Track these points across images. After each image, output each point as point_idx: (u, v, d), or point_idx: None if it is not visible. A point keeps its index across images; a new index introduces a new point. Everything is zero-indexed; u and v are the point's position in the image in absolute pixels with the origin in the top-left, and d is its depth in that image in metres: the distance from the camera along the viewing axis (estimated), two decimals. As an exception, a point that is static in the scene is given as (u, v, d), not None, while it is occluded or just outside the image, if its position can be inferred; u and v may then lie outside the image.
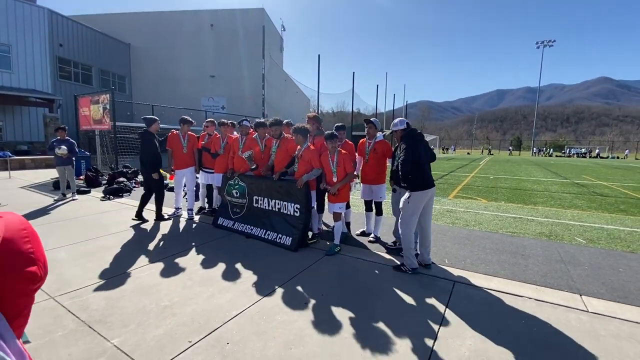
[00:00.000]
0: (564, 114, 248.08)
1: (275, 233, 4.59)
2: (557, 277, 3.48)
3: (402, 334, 2.45)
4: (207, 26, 27.30)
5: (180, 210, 5.97)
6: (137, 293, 3.02)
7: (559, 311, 2.80)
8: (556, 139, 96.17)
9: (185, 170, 5.81)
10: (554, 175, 16.34)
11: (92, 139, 13.75)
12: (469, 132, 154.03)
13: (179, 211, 5.92)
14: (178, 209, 5.93)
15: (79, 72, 23.76)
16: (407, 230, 3.56)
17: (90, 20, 25.60)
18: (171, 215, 5.83)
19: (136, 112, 23.53)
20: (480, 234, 5.09)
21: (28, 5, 19.46)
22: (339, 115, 67.07)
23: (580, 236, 5.09)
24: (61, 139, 7.49)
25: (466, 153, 59.05)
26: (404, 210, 3.57)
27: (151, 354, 2.18)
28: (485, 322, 2.61)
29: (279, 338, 2.37)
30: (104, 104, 11.72)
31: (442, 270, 3.67)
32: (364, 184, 4.72)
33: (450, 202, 7.87)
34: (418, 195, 3.50)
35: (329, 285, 3.26)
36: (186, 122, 5.70)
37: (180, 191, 5.95)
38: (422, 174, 3.52)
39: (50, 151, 7.46)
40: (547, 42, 54.58)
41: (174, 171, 5.84)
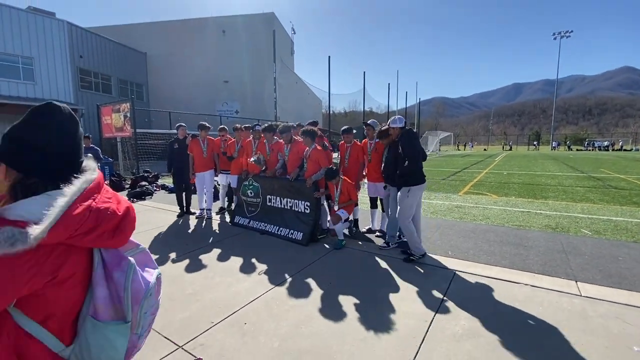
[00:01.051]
0: (586, 105, 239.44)
1: (288, 229, 4.89)
2: (555, 266, 3.63)
3: (402, 316, 2.69)
4: (219, 33, 28.03)
5: (204, 210, 6.32)
6: (164, 283, 3.33)
7: (552, 295, 2.97)
8: (577, 132, 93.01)
9: (205, 173, 6.16)
10: (570, 169, 16.04)
11: (114, 146, 14.48)
12: (486, 127, 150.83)
13: (203, 212, 6.27)
14: (202, 210, 6.28)
15: (99, 82, 24.85)
16: (407, 221, 3.82)
17: (107, 32, 26.75)
18: (198, 215, 6.21)
19: (154, 119, 24.41)
20: (485, 228, 5.23)
21: (48, 18, 20.52)
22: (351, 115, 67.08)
23: (587, 228, 5.17)
24: (86, 147, 8.02)
25: (483, 149, 58.01)
26: (404, 204, 3.81)
27: (179, 331, 2.50)
28: (480, 306, 2.82)
29: (290, 319, 2.65)
30: (124, 112, 12.38)
31: (445, 260, 3.87)
32: (369, 182, 4.96)
33: (460, 199, 7.99)
34: (417, 189, 3.81)
35: (337, 276, 3.52)
36: (204, 127, 6.05)
37: (203, 193, 6.27)
38: (419, 170, 3.86)
39: None
40: (564, 33, 53.11)
41: (194, 175, 6.18)
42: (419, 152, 3.89)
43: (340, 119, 64.07)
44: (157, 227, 5.61)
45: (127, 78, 27.33)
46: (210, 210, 6.24)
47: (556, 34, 53.92)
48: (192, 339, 2.41)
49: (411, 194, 3.78)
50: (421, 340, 2.37)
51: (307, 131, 4.70)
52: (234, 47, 27.88)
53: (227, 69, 28.05)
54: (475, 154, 38.99)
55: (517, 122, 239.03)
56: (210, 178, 6.23)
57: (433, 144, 39.45)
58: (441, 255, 4.05)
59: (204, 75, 28.17)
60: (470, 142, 67.14)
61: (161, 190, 9.68)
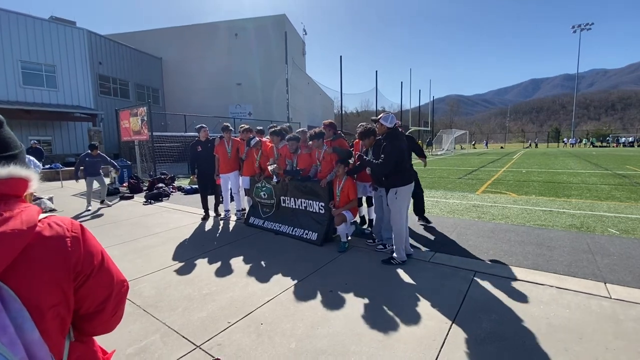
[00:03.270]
0: (609, 100, 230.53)
1: (302, 229, 4.87)
2: (582, 267, 3.47)
3: (421, 317, 2.63)
4: (232, 36, 28.40)
5: (229, 212, 6.33)
6: (182, 283, 3.41)
7: (580, 297, 2.84)
8: (600, 128, 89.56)
9: (229, 174, 6.14)
10: (593, 166, 15.45)
11: (132, 149, 14.84)
12: (502, 125, 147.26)
13: (228, 213, 6.28)
14: (227, 212, 6.29)
15: (117, 87, 25.59)
16: (399, 224, 3.74)
17: (124, 38, 27.51)
18: (223, 217, 6.23)
19: (170, 122, 24.93)
20: (505, 227, 5.08)
21: (69, 27, 21.28)
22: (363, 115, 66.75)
23: (614, 227, 4.94)
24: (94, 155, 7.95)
25: (499, 147, 56.64)
26: (394, 206, 3.74)
27: (197, 331, 2.51)
28: (503, 308, 2.72)
29: (306, 320, 2.63)
30: (141, 116, 12.65)
31: (464, 261, 3.77)
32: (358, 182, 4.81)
33: (477, 198, 7.80)
34: (405, 190, 3.74)
35: (352, 276, 3.48)
36: (227, 129, 6.07)
37: (228, 194, 6.27)
38: (407, 170, 3.82)
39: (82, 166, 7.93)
40: (584, 26, 51.34)
41: (219, 176, 6.19)
42: (397, 155, 3.65)
43: (353, 119, 63.83)
44: (174, 228, 5.70)
45: (144, 83, 28.05)
46: (239, 211, 6.25)
47: (576, 27, 52.20)
48: (209, 339, 2.42)
49: (399, 195, 3.71)
50: (442, 343, 2.30)
51: (315, 135, 4.69)
52: (246, 50, 28.21)
53: (240, 72, 28.39)
54: (491, 152, 38.08)
55: (535, 119, 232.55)
56: (235, 179, 6.20)
57: (448, 142, 38.77)
58: (460, 255, 3.95)
59: (217, 78, 28.61)
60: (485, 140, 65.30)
61: (177, 191, 9.84)
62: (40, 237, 0.73)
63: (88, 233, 0.84)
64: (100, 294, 0.85)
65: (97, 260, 0.83)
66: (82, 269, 0.78)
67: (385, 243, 4.22)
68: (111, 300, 0.87)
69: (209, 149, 6.12)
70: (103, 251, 0.88)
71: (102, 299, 0.85)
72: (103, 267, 0.85)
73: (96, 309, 0.85)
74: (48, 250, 0.73)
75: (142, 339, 2.44)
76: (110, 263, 0.89)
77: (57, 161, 17.05)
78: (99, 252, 0.85)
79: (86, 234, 0.83)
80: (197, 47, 28.88)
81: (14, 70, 18.47)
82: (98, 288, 0.84)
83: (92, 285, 0.82)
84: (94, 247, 0.84)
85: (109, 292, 0.87)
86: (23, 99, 18.79)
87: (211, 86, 28.78)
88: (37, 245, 0.72)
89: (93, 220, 6.51)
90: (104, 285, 0.85)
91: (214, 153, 6.10)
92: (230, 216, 6.25)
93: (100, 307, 0.86)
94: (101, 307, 0.86)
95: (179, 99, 29.32)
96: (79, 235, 0.80)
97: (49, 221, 0.77)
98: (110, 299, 0.87)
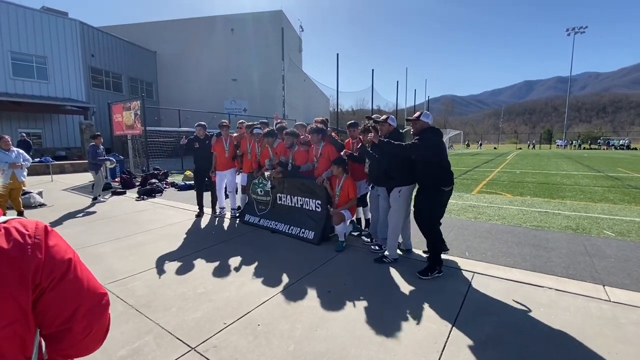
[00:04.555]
0: (600, 103, 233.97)
1: (299, 228, 4.80)
2: (580, 269, 3.47)
3: (420, 320, 2.58)
4: (228, 31, 28.06)
5: (225, 210, 6.23)
6: (176, 282, 3.32)
7: (580, 300, 2.83)
8: (591, 131, 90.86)
9: (226, 172, 6.04)
10: (586, 168, 15.63)
11: (124, 144, 14.60)
12: (496, 125, 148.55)
13: (223, 211, 6.18)
14: (222, 209, 6.18)
15: (110, 80, 25.12)
16: (396, 221, 3.72)
17: (118, 31, 26.99)
18: (217, 215, 6.12)
19: (163, 117, 24.59)
20: (502, 228, 5.07)
21: (61, 18, 20.78)
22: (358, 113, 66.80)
23: (609, 229, 4.97)
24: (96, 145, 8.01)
25: (493, 148, 57.09)
26: (396, 204, 3.70)
27: (192, 332, 2.43)
28: (503, 310, 2.69)
29: (304, 321, 2.57)
30: (135, 110, 12.44)
31: (462, 262, 3.74)
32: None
33: (473, 198, 7.81)
34: (408, 190, 3.72)
35: (350, 276, 3.42)
36: (224, 126, 5.96)
37: (222, 192, 6.16)
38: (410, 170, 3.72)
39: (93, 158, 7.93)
40: (578, 29, 51.83)
41: (215, 173, 6.09)
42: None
43: (348, 117, 63.80)
44: (168, 224, 5.59)
45: (137, 76, 27.60)
46: (234, 209, 6.15)
47: (570, 30, 52.63)
48: (205, 340, 2.34)
49: (402, 195, 3.67)
50: (443, 346, 2.26)
51: (314, 129, 4.62)
52: (242, 45, 27.90)
53: (236, 67, 28.08)
54: (485, 152, 38.37)
55: (528, 121, 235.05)
56: (231, 177, 6.10)
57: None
58: (458, 256, 3.92)
59: (213, 73, 28.26)
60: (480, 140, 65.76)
61: (171, 187, 9.70)
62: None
63: (54, 238, 0.73)
64: (62, 310, 0.71)
65: (59, 270, 0.71)
66: (41, 280, 0.67)
67: (381, 244, 4.15)
68: (79, 317, 0.73)
69: (206, 145, 6.00)
70: (73, 259, 0.75)
71: (66, 316, 0.72)
72: (67, 277, 0.72)
73: (59, 328, 0.72)
74: (3, 262, 0.63)
75: (135, 340, 2.36)
76: (81, 273, 0.76)
77: (47, 154, 16.71)
78: (64, 260, 0.73)
79: (50, 239, 0.71)
80: (192, 42, 28.46)
81: (4, 61, 18.00)
82: (59, 303, 0.71)
83: (51, 299, 0.70)
84: (58, 255, 0.72)
85: (75, 308, 0.73)
86: (13, 90, 18.33)
87: (206, 81, 28.43)
88: None
89: (85, 216, 6.36)
90: (67, 299, 0.72)
91: (211, 150, 5.99)
92: (225, 214, 6.16)
93: (65, 326, 0.72)
94: (67, 326, 0.73)
95: (173, 93, 28.92)
96: (41, 242, 0.69)
97: (9, 226, 0.67)
98: (78, 317, 0.73)
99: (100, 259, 3.96)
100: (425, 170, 3.52)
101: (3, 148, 5.80)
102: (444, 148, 3.56)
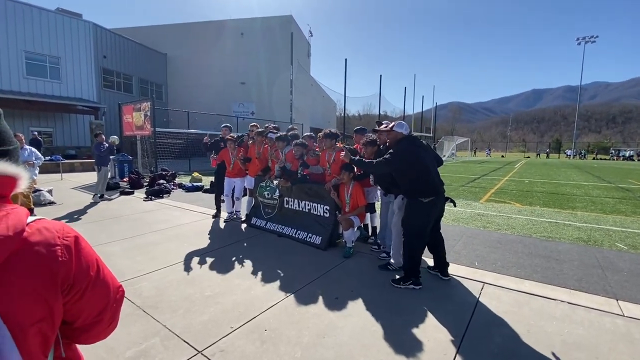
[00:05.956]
0: (610, 113, 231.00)
1: (306, 232, 4.78)
2: (592, 282, 3.40)
3: (429, 330, 2.54)
4: (238, 35, 28.36)
5: (233, 214, 6.16)
6: (183, 283, 3.32)
7: (593, 314, 2.76)
8: (601, 141, 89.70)
9: (236, 180, 6.02)
10: (596, 179, 15.40)
11: (133, 144, 14.75)
12: (503, 134, 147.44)
13: (232, 214, 6.13)
14: (230, 213, 6.14)
15: (121, 81, 25.52)
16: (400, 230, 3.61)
17: (130, 33, 27.45)
18: (226, 219, 6.07)
19: (172, 118, 24.86)
20: (512, 238, 5.00)
21: (75, 20, 21.21)
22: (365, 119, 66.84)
23: (621, 242, 4.87)
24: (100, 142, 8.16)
25: (500, 156, 56.60)
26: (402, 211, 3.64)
27: (199, 336, 2.42)
28: (515, 322, 2.64)
29: (312, 328, 2.54)
30: (145, 111, 12.58)
31: (471, 271, 3.69)
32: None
33: (481, 206, 7.72)
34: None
35: (358, 282, 3.39)
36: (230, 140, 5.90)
37: (229, 198, 6.13)
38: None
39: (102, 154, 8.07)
40: (588, 38, 51.40)
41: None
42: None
43: (355, 122, 63.87)
44: (175, 225, 5.61)
45: (148, 78, 27.98)
46: (237, 212, 6.15)
47: (580, 39, 52.18)
48: (211, 344, 2.33)
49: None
50: (453, 357, 2.22)
51: (328, 134, 4.63)
52: (251, 49, 28.16)
53: (244, 71, 28.33)
54: (492, 160, 38.06)
55: (536, 129, 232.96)
56: (240, 184, 6.06)
57: (449, 149, 38.75)
58: (467, 265, 3.87)
59: (221, 76, 28.54)
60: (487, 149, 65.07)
61: (178, 189, 9.75)
62: (27, 244, 0.65)
63: (82, 241, 0.76)
64: (97, 306, 0.79)
65: (93, 271, 0.76)
66: (76, 283, 0.71)
67: (389, 251, 4.09)
68: (108, 310, 0.82)
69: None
70: (98, 259, 0.80)
71: (99, 310, 0.80)
72: (99, 277, 0.78)
73: (93, 321, 0.80)
74: (34, 259, 0.65)
75: (142, 341, 2.35)
76: (106, 270, 0.83)
77: (57, 153, 16.96)
78: (94, 261, 0.78)
79: (80, 242, 0.75)
80: (202, 45, 28.82)
81: (18, 60, 18.39)
82: (95, 300, 0.78)
83: (89, 298, 0.76)
84: (89, 257, 0.76)
85: (106, 303, 0.81)
86: (26, 89, 18.69)
87: (215, 84, 28.70)
88: (23, 253, 0.64)
89: (94, 215, 6.42)
90: (101, 296, 0.80)
91: (221, 154, 6.03)
92: (233, 217, 6.15)
93: (98, 318, 0.81)
94: (98, 319, 0.81)
95: (182, 95, 29.25)
96: (71, 244, 0.72)
97: (39, 226, 0.69)
98: (107, 309, 0.82)
99: (109, 258, 3.98)
100: (402, 181, 3.39)
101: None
102: (421, 158, 3.28)
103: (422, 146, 3.42)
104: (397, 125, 3.42)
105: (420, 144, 3.42)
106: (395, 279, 3.34)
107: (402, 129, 3.40)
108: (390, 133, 3.45)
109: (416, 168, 3.25)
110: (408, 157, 3.25)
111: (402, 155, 3.26)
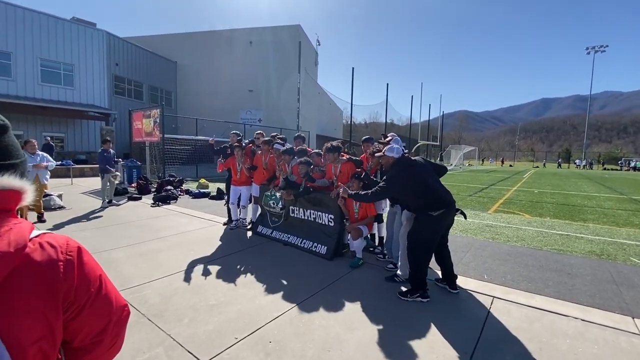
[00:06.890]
0: (621, 123, 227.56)
1: (311, 242, 4.75)
2: (607, 298, 3.29)
3: (438, 345, 2.48)
4: (246, 43, 28.78)
5: (239, 222, 6.16)
6: (188, 292, 3.30)
7: (608, 332, 2.67)
8: (612, 151, 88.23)
9: (242, 188, 6.04)
10: (607, 190, 15.10)
11: (142, 150, 14.94)
12: (512, 143, 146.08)
13: (238, 222, 6.13)
14: (236, 220, 6.13)
15: (132, 88, 26.03)
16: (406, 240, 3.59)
17: (142, 41, 28.06)
18: (232, 227, 6.06)
19: (181, 125, 25.17)
20: (522, 250, 4.90)
21: (90, 28, 21.78)
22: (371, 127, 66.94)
23: (636, 256, 4.74)
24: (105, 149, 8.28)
25: (508, 165, 55.99)
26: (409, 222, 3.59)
27: (203, 346, 2.40)
28: (527, 339, 2.56)
29: (317, 340, 2.50)
30: (154, 118, 12.76)
31: (480, 285, 3.61)
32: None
33: (490, 217, 7.61)
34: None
35: (365, 294, 3.34)
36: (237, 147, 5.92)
37: (236, 205, 6.13)
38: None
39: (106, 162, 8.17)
40: (598, 48, 51.04)
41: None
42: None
43: (361, 129, 63.99)
44: (181, 232, 5.62)
45: (158, 85, 28.48)
46: (243, 219, 6.14)
47: (590, 49, 51.85)
48: (215, 355, 2.30)
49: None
50: (462, 375, 2.15)
51: (331, 148, 4.63)
52: (260, 58, 28.52)
53: (252, 79, 28.65)
54: (500, 169, 37.65)
55: (545, 139, 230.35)
56: (246, 192, 6.07)
57: (457, 158, 38.47)
58: (476, 278, 3.79)
59: (230, 83, 28.90)
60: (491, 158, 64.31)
61: (185, 195, 9.81)
62: (28, 260, 0.63)
63: (85, 255, 0.74)
64: (97, 325, 0.75)
65: (94, 287, 0.73)
66: (76, 299, 0.69)
67: (396, 262, 4.04)
68: (109, 330, 0.77)
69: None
70: (102, 274, 0.77)
71: (99, 329, 0.75)
72: (100, 294, 0.75)
73: (92, 341, 0.75)
74: (36, 276, 0.63)
75: (146, 350, 2.33)
76: (109, 287, 0.79)
77: (68, 158, 17.24)
78: (97, 277, 0.75)
79: (83, 257, 0.72)
80: (211, 53, 29.30)
81: (34, 68, 18.88)
82: (94, 318, 0.74)
83: (88, 316, 0.72)
84: (92, 272, 0.73)
85: (107, 322, 0.77)
86: (40, 95, 19.14)
87: (223, 91, 29.07)
88: (24, 270, 0.62)
89: (101, 220, 6.47)
90: (102, 315, 0.75)
91: (228, 162, 6.05)
92: (239, 225, 6.14)
93: (97, 338, 0.76)
94: (98, 339, 0.76)
95: (191, 102, 29.68)
96: (74, 259, 0.70)
97: (42, 241, 0.67)
98: (109, 329, 0.77)
99: (114, 264, 4.00)
100: (408, 201, 3.43)
101: (29, 151, 6.00)
102: (417, 176, 3.24)
103: (417, 164, 3.38)
104: (388, 150, 3.42)
105: (414, 163, 3.38)
106: (403, 292, 3.29)
107: (393, 153, 3.39)
108: (383, 158, 3.49)
109: (413, 188, 3.25)
110: (402, 179, 3.27)
111: (396, 180, 3.29)
